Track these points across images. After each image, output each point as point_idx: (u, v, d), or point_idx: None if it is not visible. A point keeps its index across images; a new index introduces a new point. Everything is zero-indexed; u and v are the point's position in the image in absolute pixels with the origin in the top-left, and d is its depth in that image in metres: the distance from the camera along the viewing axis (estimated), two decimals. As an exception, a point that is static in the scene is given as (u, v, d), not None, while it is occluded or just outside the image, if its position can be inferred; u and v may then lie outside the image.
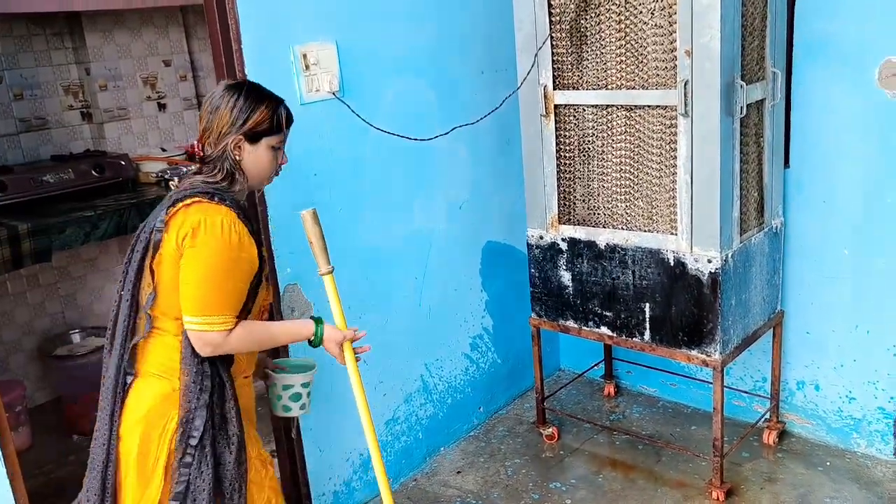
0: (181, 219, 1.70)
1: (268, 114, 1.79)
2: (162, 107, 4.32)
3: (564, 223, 2.89)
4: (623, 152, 2.70)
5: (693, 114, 2.45)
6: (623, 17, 2.56)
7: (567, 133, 2.81)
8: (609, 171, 2.75)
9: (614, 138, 2.70)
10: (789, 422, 3.14)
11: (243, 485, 1.81)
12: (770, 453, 3.02)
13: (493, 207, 3.28)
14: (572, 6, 2.66)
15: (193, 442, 1.72)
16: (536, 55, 2.75)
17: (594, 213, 2.83)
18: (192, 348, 1.73)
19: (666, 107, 2.53)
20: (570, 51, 2.72)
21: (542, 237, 2.95)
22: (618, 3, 2.56)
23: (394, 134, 2.75)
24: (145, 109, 4.26)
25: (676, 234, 2.61)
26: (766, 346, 3.05)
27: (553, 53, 2.75)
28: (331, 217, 2.64)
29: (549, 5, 2.70)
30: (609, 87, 2.66)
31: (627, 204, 2.73)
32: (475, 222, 3.21)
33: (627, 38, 2.57)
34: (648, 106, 2.58)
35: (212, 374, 1.76)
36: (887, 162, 2.68)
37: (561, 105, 2.78)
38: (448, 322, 3.18)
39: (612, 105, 2.67)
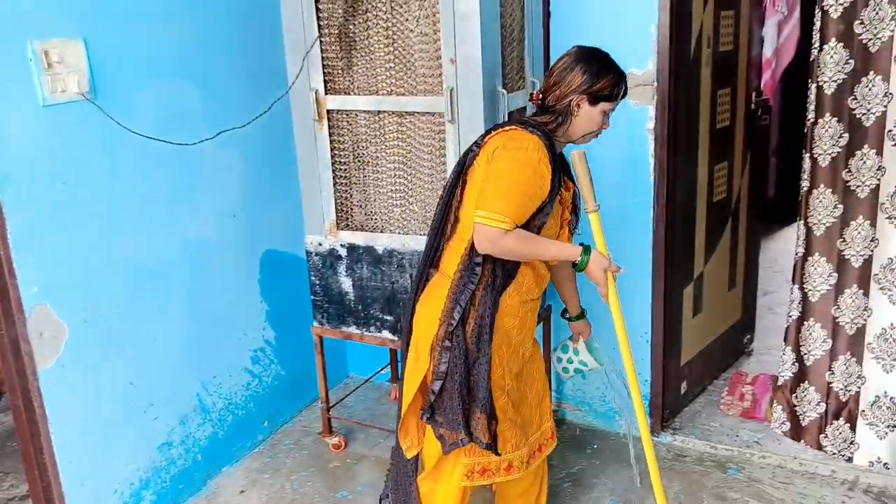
0: (495, 140, 1.99)
1: (612, 82, 2.03)
2: None
3: (343, 229, 2.88)
4: (396, 158, 2.73)
5: (459, 120, 2.53)
6: (390, 24, 2.59)
7: (341, 138, 2.80)
8: (384, 176, 2.76)
9: (387, 144, 2.72)
10: (563, 410, 3.35)
11: (482, 384, 2.03)
12: (545, 442, 3.20)
13: (271, 215, 3.18)
14: (340, 11, 2.65)
15: (450, 329, 2.00)
16: (305, 59, 2.71)
17: (372, 219, 2.84)
18: (472, 247, 1.98)
19: (434, 113, 2.59)
20: (339, 56, 2.70)
21: (321, 244, 2.91)
22: (384, 9, 2.59)
23: (153, 138, 2.58)
24: None
25: (449, 237, 2.67)
26: (539, 339, 3.21)
27: (323, 58, 2.72)
28: (86, 230, 2.43)
29: (317, 9, 2.67)
30: (379, 92, 2.68)
31: (403, 209, 2.76)
32: (252, 230, 3.10)
33: (395, 44, 2.61)
34: (418, 112, 2.63)
35: (482, 273, 1.99)
36: (635, 168, 2.93)
37: (333, 110, 2.76)
38: (226, 336, 3.04)
39: (384, 111, 2.69)
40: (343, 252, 2.88)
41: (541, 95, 2.07)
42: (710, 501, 2.76)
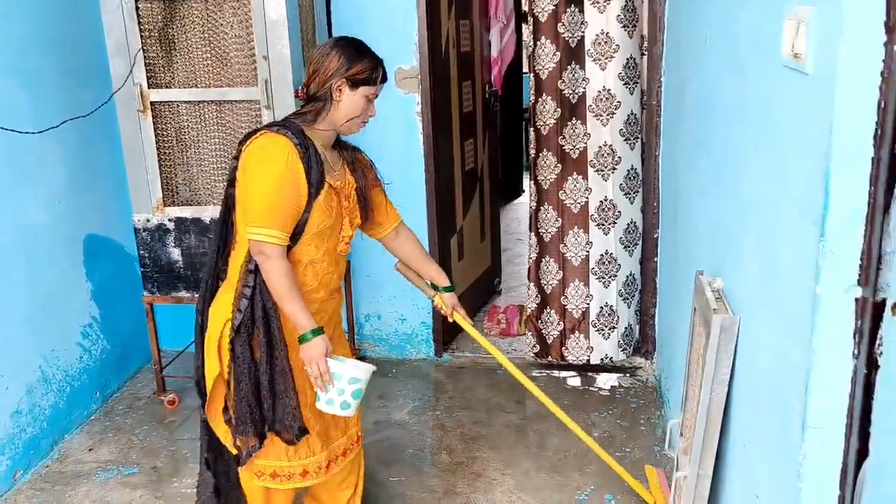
0: (245, 151, 2.02)
1: (370, 66, 2.06)
2: None
3: (169, 205, 3.30)
4: (217, 141, 3.22)
5: (274, 106, 3.10)
6: (207, 28, 3.09)
7: (165, 126, 3.23)
8: (206, 157, 3.24)
9: (207, 129, 3.21)
10: (363, 349, 4.03)
11: (280, 381, 2.09)
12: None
13: (90, 202, 3.48)
14: (159, 17, 3.09)
15: (231, 336, 2.05)
16: (134, 58, 3.11)
17: (196, 194, 3.30)
18: (249, 256, 2.03)
19: (251, 101, 3.13)
20: (160, 55, 3.14)
21: (149, 220, 3.30)
22: (200, 16, 3.08)
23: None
24: None
25: (270, 204, 3.23)
26: (340, 291, 3.87)
27: (146, 57, 3.13)
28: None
29: (138, 15, 3.08)
30: (199, 86, 3.16)
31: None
32: (74, 216, 3.39)
33: (212, 44, 3.11)
34: (236, 101, 3.15)
35: (254, 284, 2.04)
36: (409, 145, 3.70)
37: (157, 102, 3.18)
38: (60, 313, 3.31)
39: (204, 101, 3.17)
40: (171, 225, 3.30)
41: (305, 88, 2.08)
42: (487, 391, 3.62)
